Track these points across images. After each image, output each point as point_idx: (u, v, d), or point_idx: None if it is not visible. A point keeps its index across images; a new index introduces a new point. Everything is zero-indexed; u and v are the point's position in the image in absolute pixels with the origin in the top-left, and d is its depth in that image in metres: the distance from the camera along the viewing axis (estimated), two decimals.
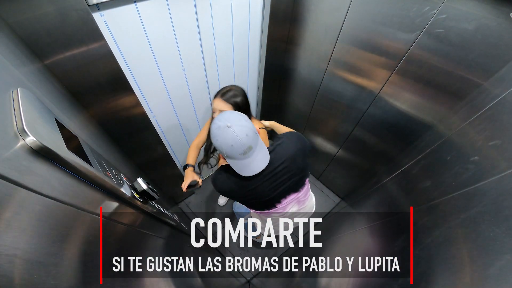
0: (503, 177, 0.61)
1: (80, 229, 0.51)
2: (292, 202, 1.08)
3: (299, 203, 1.13)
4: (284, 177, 0.95)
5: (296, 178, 0.99)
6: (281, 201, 1.04)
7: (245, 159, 0.86)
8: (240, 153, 0.83)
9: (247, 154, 0.85)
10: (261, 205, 1.04)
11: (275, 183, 0.95)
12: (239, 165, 0.87)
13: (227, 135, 0.82)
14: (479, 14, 0.90)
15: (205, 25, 1.25)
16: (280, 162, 0.93)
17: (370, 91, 1.43)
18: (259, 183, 0.93)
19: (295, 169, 0.96)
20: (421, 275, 0.70)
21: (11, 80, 0.53)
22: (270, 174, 0.93)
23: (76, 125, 0.84)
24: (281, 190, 0.98)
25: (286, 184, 0.98)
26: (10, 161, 0.38)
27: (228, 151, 0.84)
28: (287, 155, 0.94)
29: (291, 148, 0.96)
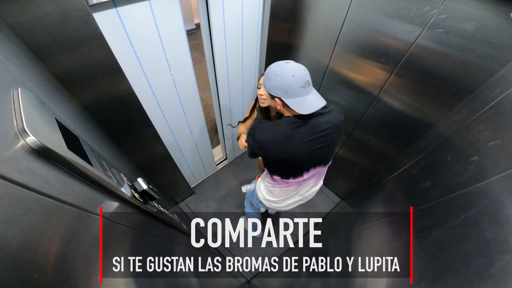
0: (503, 177, 0.61)
1: (80, 229, 0.51)
2: (314, 177, 1.10)
3: (318, 180, 1.15)
4: (325, 143, 0.94)
5: (332, 149, 1.00)
6: (310, 170, 1.03)
7: (305, 94, 0.85)
8: (300, 86, 0.84)
9: (307, 89, 0.85)
10: (290, 169, 1.02)
11: (315, 146, 0.93)
12: (298, 101, 0.86)
13: (288, 67, 0.86)
14: (479, 14, 0.90)
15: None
16: (327, 126, 0.92)
17: (370, 91, 1.43)
18: (301, 139, 0.91)
19: (335, 139, 0.97)
20: (421, 275, 0.70)
21: (12, 80, 0.53)
22: (315, 134, 0.91)
23: (76, 124, 0.84)
24: (315, 155, 0.97)
25: (322, 151, 0.97)
26: (10, 161, 0.38)
27: (288, 84, 0.84)
28: (334, 122, 0.93)
29: (338, 117, 0.95)
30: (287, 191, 1.18)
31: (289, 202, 1.27)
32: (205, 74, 4.03)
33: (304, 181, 1.10)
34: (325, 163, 1.06)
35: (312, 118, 0.91)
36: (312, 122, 0.91)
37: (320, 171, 1.10)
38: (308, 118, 0.90)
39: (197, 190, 2.30)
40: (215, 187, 2.33)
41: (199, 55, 4.57)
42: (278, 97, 0.90)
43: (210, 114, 3.17)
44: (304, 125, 0.90)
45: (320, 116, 0.92)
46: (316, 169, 1.05)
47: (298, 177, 1.06)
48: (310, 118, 0.90)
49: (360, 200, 1.75)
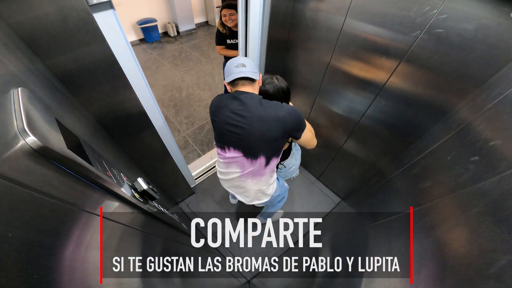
0: (503, 177, 0.61)
1: (80, 228, 0.51)
2: (236, 162, 1.14)
3: (242, 173, 1.16)
4: (241, 126, 1.01)
5: (248, 141, 1.04)
6: (229, 149, 1.11)
7: (236, 72, 1.02)
8: (234, 66, 1.03)
9: (239, 68, 1.02)
10: (217, 136, 1.14)
11: (233, 120, 1.03)
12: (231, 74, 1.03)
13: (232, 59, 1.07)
14: (479, 14, 0.90)
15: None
16: (251, 110, 0.99)
17: (370, 92, 1.43)
18: (228, 109, 1.04)
19: (251, 132, 1.01)
20: (421, 275, 0.70)
21: (12, 80, 0.54)
22: (235, 109, 1.02)
23: (76, 124, 0.84)
24: (232, 132, 1.05)
25: (235, 136, 1.05)
26: (10, 161, 0.38)
27: (228, 67, 1.05)
28: (261, 114, 0.99)
29: (272, 111, 0.99)
30: (220, 165, 1.26)
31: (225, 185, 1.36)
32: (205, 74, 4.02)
33: (229, 162, 1.16)
34: (244, 152, 1.08)
35: (244, 96, 1.01)
36: (241, 99, 1.01)
37: (243, 163, 1.12)
38: (240, 94, 1.02)
39: (197, 190, 2.30)
40: (215, 187, 2.33)
41: (199, 55, 4.57)
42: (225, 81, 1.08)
43: None
44: (234, 99, 1.03)
45: (252, 99, 1.01)
46: (236, 152, 1.10)
47: (222, 150, 1.15)
48: (241, 95, 1.02)
49: (360, 200, 1.75)
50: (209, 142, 2.77)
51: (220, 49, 2.26)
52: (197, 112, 3.21)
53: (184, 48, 4.81)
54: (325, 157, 2.12)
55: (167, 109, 3.25)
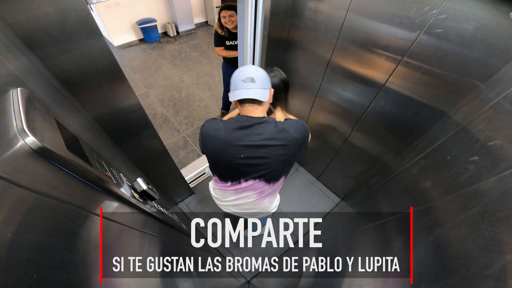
0: (502, 177, 0.61)
1: (80, 229, 0.51)
2: (254, 188, 1.04)
3: (260, 197, 1.09)
4: (266, 155, 0.92)
5: (272, 169, 0.96)
6: (246, 180, 1.01)
7: (243, 88, 0.88)
8: (242, 79, 0.88)
9: (247, 84, 0.87)
10: (226, 171, 1.02)
11: (253, 154, 0.91)
12: (235, 92, 0.90)
13: (242, 68, 0.91)
14: (478, 14, 0.90)
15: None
16: (272, 137, 0.90)
17: (369, 92, 1.43)
18: (239, 141, 0.90)
19: (275, 160, 0.93)
20: (421, 275, 0.70)
21: (11, 80, 0.53)
22: (256, 141, 0.90)
23: (75, 125, 0.84)
24: (253, 165, 0.94)
25: (262, 163, 0.94)
26: (10, 161, 0.38)
27: (234, 77, 0.90)
28: (283, 139, 0.90)
29: (290, 135, 0.91)
30: (225, 194, 1.15)
31: (229, 209, 1.24)
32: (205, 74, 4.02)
33: (242, 190, 1.07)
34: (267, 180, 1.01)
35: (256, 123, 0.90)
36: (254, 128, 0.90)
37: (263, 188, 1.05)
38: (251, 121, 0.90)
39: (197, 190, 2.29)
40: None
41: (199, 55, 4.57)
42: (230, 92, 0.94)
43: (210, 114, 3.18)
44: (245, 128, 0.90)
45: (267, 125, 0.91)
46: (256, 182, 1.01)
47: (235, 183, 1.04)
48: (253, 123, 0.90)
49: (360, 200, 1.75)
50: None
51: (219, 51, 2.23)
52: (196, 112, 3.21)
53: (184, 48, 4.81)
54: (325, 157, 2.12)
55: (166, 109, 3.25)
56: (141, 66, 4.22)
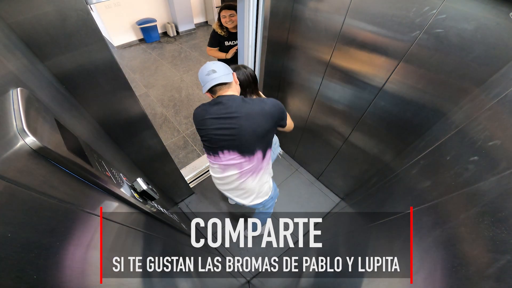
0: (502, 177, 0.61)
1: (80, 229, 0.51)
2: (233, 164, 1.15)
3: (241, 173, 1.18)
4: (233, 125, 1.03)
5: (242, 139, 1.05)
6: (223, 153, 1.13)
7: (209, 80, 1.04)
8: (205, 74, 1.04)
9: (210, 75, 1.04)
10: (207, 144, 1.16)
11: (223, 125, 1.05)
12: (204, 86, 1.06)
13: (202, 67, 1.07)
14: (478, 14, 0.90)
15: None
16: (237, 110, 1.02)
17: (369, 92, 1.43)
18: (211, 115, 1.07)
19: (242, 130, 1.03)
20: (421, 275, 0.70)
21: (11, 80, 0.53)
22: (223, 114, 1.04)
23: (75, 125, 0.84)
24: (225, 136, 1.07)
25: (232, 134, 1.05)
26: (10, 161, 0.38)
27: (200, 76, 1.07)
28: (247, 111, 1.02)
29: (257, 107, 1.03)
30: (215, 171, 1.28)
31: (222, 187, 1.35)
32: None
33: (225, 167, 1.18)
34: (240, 151, 1.10)
35: (225, 100, 1.05)
36: (223, 103, 1.05)
37: (240, 163, 1.14)
38: (221, 98, 1.06)
39: (197, 190, 2.29)
40: (215, 187, 2.32)
41: (199, 55, 4.57)
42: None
43: None
44: (216, 104, 1.07)
45: (233, 100, 1.04)
46: (231, 154, 1.12)
47: (216, 157, 1.17)
48: (222, 100, 1.05)
49: (360, 200, 1.75)
50: None
51: (209, 50, 2.21)
52: None
53: (184, 48, 4.81)
54: (325, 157, 2.12)
55: (166, 109, 3.25)
56: (141, 66, 4.22)
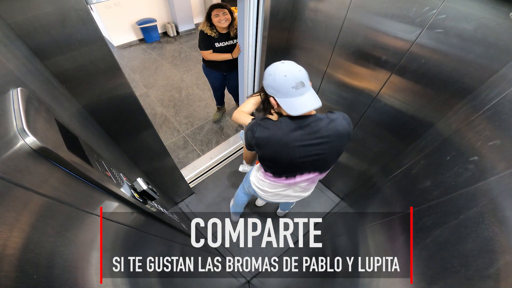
0: (502, 177, 0.61)
1: (80, 229, 0.51)
2: (306, 182, 1.10)
3: (309, 185, 1.16)
4: (323, 150, 0.93)
5: (330, 160, 0.98)
6: (303, 174, 1.04)
7: (298, 96, 0.85)
8: (292, 86, 0.83)
9: (299, 90, 0.84)
10: (283, 169, 1.03)
11: (312, 152, 0.92)
12: (289, 102, 0.86)
13: (281, 67, 0.86)
14: (478, 14, 0.90)
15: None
16: (328, 133, 0.90)
17: (369, 92, 1.43)
18: (298, 142, 0.90)
19: (337, 149, 0.95)
20: (421, 275, 0.70)
21: (11, 80, 0.53)
22: (313, 139, 0.90)
23: (76, 125, 0.84)
24: (311, 161, 0.96)
25: (320, 158, 0.95)
26: (10, 161, 0.38)
27: (280, 84, 0.85)
28: (337, 130, 0.91)
29: (342, 126, 0.92)
30: (276, 187, 1.19)
31: (276, 198, 1.30)
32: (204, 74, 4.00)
33: (296, 183, 1.12)
34: (321, 171, 1.05)
35: (311, 122, 0.90)
36: (310, 126, 0.90)
37: (314, 178, 1.10)
38: (307, 121, 0.89)
39: (197, 190, 2.29)
40: (215, 187, 2.33)
41: (199, 55, 4.57)
42: (273, 96, 0.91)
43: (210, 114, 3.18)
44: (301, 128, 0.90)
45: (320, 121, 0.90)
46: (311, 175, 1.05)
47: (290, 178, 1.07)
48: (308, 122, 0.90)
49: (359, 200, 1.75)
50: (209, 142, 2.77)
51: (208, 54, 2.08)
52: (196, 112, 3.21)
53: (184, 48, 4.81)
54: None
55: (166, 109, 3.25)
56: (141, 66, 4.22)
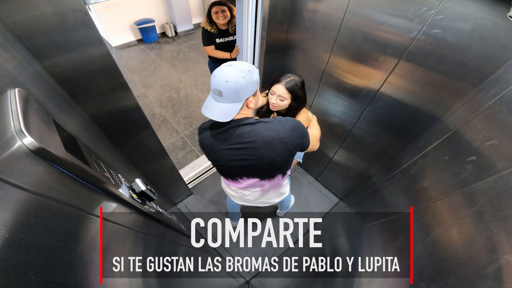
0: (500, 177, 0.61)
1: (79, 230, 0.51)
2: (255, 187, 1.11)
3: (263, 190, 1.14)
4: (250, 156, 0.91)
5: (262, 166, 0.96)
6: (243, 179, 1.06)
7: (211, 99, 0.87)
8: (213, 88, 0.84)
9: (215, 96, 0.85)
10: (223, 172, 1.10)
11: (237, 157, 0.93)
12: (206, 101, 0.88)
13: (222, 69, 0.83)
14: (476, 15, 0.90)
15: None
16: (251, 139, 0.88)
17: (367, 92, 1.43)
18: (220, 146, 0.93)
19: (264, 155, 0.90)
20: (421, 275, 0.71)
21: (9, 80, 0.53)
22: (235, 144, 0.90)
23: (74, 125, 0.83)
24: (241, 166, 0.97)
25: (249, 164, 0.95)
26: (7, 162, 0.38)
27: (211, 81, 0.85)
28: (262, 138, 0.87)
29: (272, 132, 0.87)
30: (234, 190, 1.22)
31: (244, 201, 1.32)
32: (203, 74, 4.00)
33: (244, 188, 1.13)
34: (260, 177, 1.03)
35: (233, 127, 0.89)
36: (232, 131, 0.89)
37: (262, 184, 1.07)
38: (228, 125, 0.89)
39: (195, 191, 2.29)
40: (214, 187, 2.33)
41: (197, 55, 4.57)
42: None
43: None
44: (223, 133, 0.91)
45: (244, 127, 0.88)
46: (251, 180, 1.05)
47: (235, 182, 1.09)
48: (230, 126, 0.89)
49: (358, 200, 1.75)
50: None
51: (211, 50, 2.17)
52: (195, 113, 3.20)
53: (182, 49, 4.80)
54: (323, 157, 2.12)
55: (165, 110, 3.25)
56: (139, 67, 4.21)
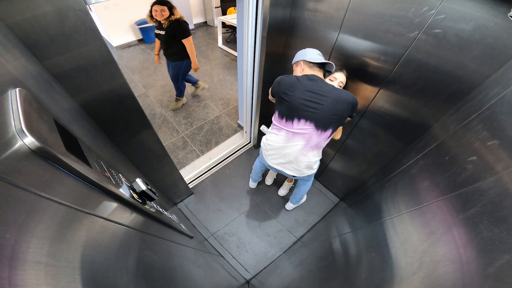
0: (501, 177, 0.61)
1: (79, 230, 0.51)
2: (303, 133, 1.29)
3: (306, 145, 1.32)
4: (319, 102, 1.21)
5: (323, 116, 1.22)
6: (300, 120, 1.27)
7: (321, 59, 1.32)
8: (318, 53, 1.34)
9: (321, 56, 1.34)
10: (286, 109, 1.30)
11: (309, 98, 1.22)
12: (320, 58, 1.33)
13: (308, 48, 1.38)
14: (477, 15, 0.90)
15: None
16: (327, 91, 1.21)
17: (368, 92, 1.43)
18: (303, 87, 1.23)
19: (330, 105, 1.21)
20: (421, 275, 0.71)
21: (10, 80, 0.53)
22: (314, 90, 1.22)
23: (75, 125, 0.83)
24: (307, 107, 1.23)
25: (314, 108, 1.22)
26: (8, 162, 0.38)
27: (307, 51, 1.35)
28: (335, 94, 1.21)
29: (343, 94, 1.22)
30: (278, 138, 1.38)
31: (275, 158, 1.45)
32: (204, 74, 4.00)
33: (293, 134, 1.31)
34: (316, 124, 1.25)
35: (320, 80, 1.24)
36: (317, 82, 1.23)
37: (311, 134, 1.28)
38: (316, 77, 1.25)
39: (196, 191, 2.29)
40: (214, 187, 2.33)
41: (198, 55, 4.56)
42: (302, 59, 1.34)
43: (209, 114, 3.17)
44: (311, 80, 1.24)
45: (326, 84, 1.23)
46: (307, 124, 1.26)
47: (289, 122, 1.30)
48: (317, 78, 1.24)
49: (359, 200, 1.75)
50: (208, 143, 2.77)
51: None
52: (195, 113, 3.21)
53: None
54: (324, 157, 2.12)
55: (165, 110, 3.25)
56: (140, 67, 4.21)
